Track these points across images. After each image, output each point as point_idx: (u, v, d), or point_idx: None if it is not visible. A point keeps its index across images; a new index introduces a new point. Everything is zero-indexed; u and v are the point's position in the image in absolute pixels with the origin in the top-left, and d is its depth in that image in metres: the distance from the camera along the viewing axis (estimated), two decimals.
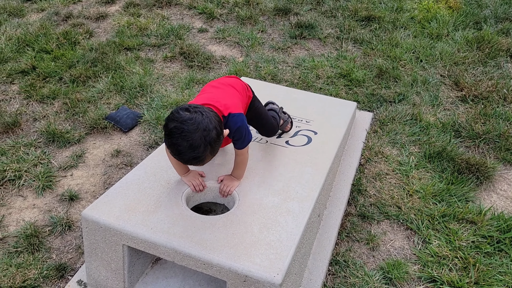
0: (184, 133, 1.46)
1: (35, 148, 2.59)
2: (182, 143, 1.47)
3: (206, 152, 1.51)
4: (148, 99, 3.00)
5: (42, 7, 4.16)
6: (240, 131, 1.72)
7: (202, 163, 1.56)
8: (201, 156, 1.51)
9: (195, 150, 1.48)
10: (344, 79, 3.19)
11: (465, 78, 3.13)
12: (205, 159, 1.54)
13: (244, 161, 1.85)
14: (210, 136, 1.49)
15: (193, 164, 1.59)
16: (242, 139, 1.75)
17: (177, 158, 1.55)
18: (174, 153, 1.52)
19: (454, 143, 2.63)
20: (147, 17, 4.01)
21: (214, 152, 1.57)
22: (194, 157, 1.51)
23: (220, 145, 1.60)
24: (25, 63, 3.28)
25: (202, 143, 1.48)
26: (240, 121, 1.71)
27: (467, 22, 3.78)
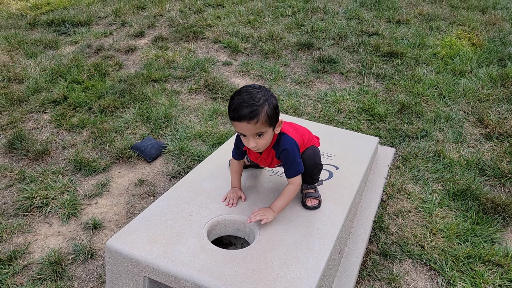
0: (249, 89, 1.66)
1: (62, 176, 2.67)
2: (245, 96, 1.63)
3: (263, 108, 1.62)
4: (172, 130, 3.08)
5: (75, 40, 4.38)
6: (286, 155, 1.79)
7: (256, 120, 1.61)
8: (259, 108, 1.61)
9: (254, 100, 1.61)
10: (366, 114, 3.21)
11: (489, 115, 3.10)
12: (261, 115, 1.61)
13: (290, 191, 1.85)
14: (271, 98, 1.66)
15: (247, 120, 1.62)
16: (289, 165, 1.81)
17: (235, 113, 1.62)
18: (234, 107, 1.62)
19: (479, 182, 2.58)
20: (174, 50, 4.16)
21: (270, 121, 1.65)
22: (252, 108, 1.60)
23: (275, 122, 1.70)
24: (57, 93, 3.43)
25: (262, 98, 1.63)
26: (289, 145, 1.79)
27: (491, 59, 3.78)
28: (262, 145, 1.72)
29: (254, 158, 1.97)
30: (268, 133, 1.70)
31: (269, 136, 1.73)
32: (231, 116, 1.66)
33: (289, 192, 1.85)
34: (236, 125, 1.67)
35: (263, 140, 1.71)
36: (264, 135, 1.70)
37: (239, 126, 1.66)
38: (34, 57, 4.00)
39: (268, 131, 1.70)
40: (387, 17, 4.62)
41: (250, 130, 1.66)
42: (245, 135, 1.70)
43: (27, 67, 3.83)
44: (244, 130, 1.67)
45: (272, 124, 1.69)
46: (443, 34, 4.25)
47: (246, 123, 1.63)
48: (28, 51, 4.10)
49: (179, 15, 4.86)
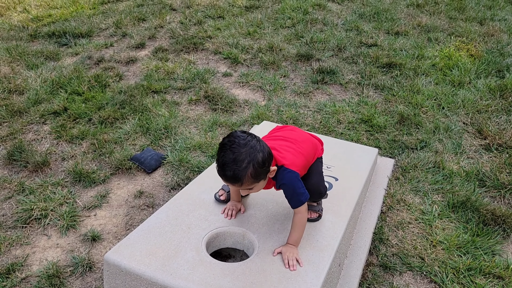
0: (233, 146, 1.58)
1: (62, 188, 2.67)
2: (229, 155, 1.56)
3: (247, 171, 1.55)
4: (172, 141, 3.08)
5: (76, 51, 4.41)
6: (286, 188, 1.74)
7: (240, 183, 1.58)
8: (241, 173, 1.55)
9: (237, 163, 1.55)
10: (365, 125, 3.22)
11: (488, 126, 3.10)
12: (244, 179, 1.56)
13: (301, 221, 1.77)
14: (256, 156, 1.57)
15: (232, 183, 1.61)
16: (290, 197, 1.75)
17: (220, 172, 1.60)
18: (219, 166, 1.59)
19: (479, 193, 2.58)
20: (174, 61, 4.18)
21: (257, 178, 1.60)
22: (234, 173, 1.55)
23: (264, 176, 1.65)
24: (57, 105, 3.44)
25: (246, 159, 1.55)
26: (287, 179, 1.71)
27: (489, 70, 3.79)
28: (255, 192, 1.72)
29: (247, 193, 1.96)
30: (259, 184, 1.67)
31: (262, 185, 1.70)
32: (218, 172, 1.63)
33: (299, 222, 1.77)
34: (222, 180, 1.65)
35: (255, 190, 1.70)
36: (255, 187, 1.67)
37: (225, 182, 1.65)
38: (35, 69, 4.02)
39: (259, 183, 1.66)
40: (386, 29, 4.65)
41: (237, 189, 1.69)
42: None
43: (28, 78, 3.85)
44: (232, 187, 1.71)
45: (260, 179, 1.64)
46: (442, 45, 4.28)
47: (231, 184, 1.63)
48: (29, 62, 4.13)
49: (179, 26, 4.90)
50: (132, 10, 5.38)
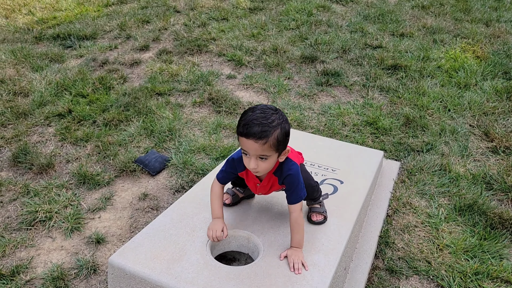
0: (264, 109, 1.58)
1: (66, 190, 2.67)
2: (258, 114, 1.56)
3: (275, 131, 1.55)
4: (176, 143, 3.08)
5: (81, 53, 4.42)
6: (291, 179, 1.71)
7: (265, 140, 1.53)
8: (270, 130, 1.53)
9: (268, 120, 1.54)
10: (371, 127, 3.20)
11: (495, 128, 3.08)
12: (271, 137, 1.54)
13: (298, 220, 1.74)
14: (285, 123, 1.59)
15: (256, 138, 1.53)
16: (292, 190, 1.72)
17: (243, 129, 1.54)
18: (245, 123, 1.54)
19: (486, 196, 2.55)
20: (178, 63, 4.18)
21: (278, 146, 1.58)
22: (263, 128, 1.52)
23: (282, 150, 1.63)
24: (62, 107, 3.45)
25: (276, 121, 1.56)
26: (294, 170, 1.71)
27: (496, 72, 3.77)
28: (262, 168, 1.64)
29: (252, 185, 1.87)
30: (273, 158, 1.62)
31: (273, 161, 1.65)
32: (240, 131, 1.57)
33: (297, 222, 1.74)
34: (242, 141, 1.58)
35: (266, 164, 1.62)
36: (268, 159, 1.61)
37: (245, 143, 1.57)
38: (39, 71, 4.03)
39: (273, 156, 1.62)
40: (391, 30, 4.63)
41: (255, 149, 1.57)
42: (248, 154, 1.61)
43: (33, 80, 3.85)
44: (249, 148, 1.58)
45: (279, 150, 1.61)
46: (447, 47, 4.25)
47: (254, 141, 1.54)
48: (34, 64, 4.14)
49: (183, 28, 4.91)
50: (136, 12, 5.39)
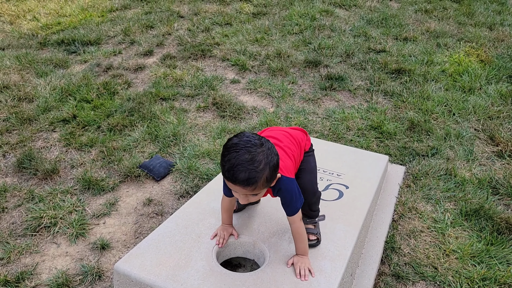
0: (248, 146, 1.43)
1: (71, 195, 2.67)
2: (244, 155, 1.41)
3: (264, 174, 1.43)
4: (180, 148, 3.08)
5: (85, 59, 4.43)
6: (285, 193, 1.64)
7: (254, 187, 1.43)
8: (258, 175, 1.41)
9: (254, 164, 1.40)
10: (375, 131, 3.19)
11: (500, 132, 3.06)
12: (260, 182, 1.43)
13: (299, 230, 1.69)
14: (272, 158, 1.46)
15: (244, 186, 1.43)
16: (288, 203, 1.66)
17: (229, 174, 1.42)
18: (229, 167, 1.41)
19: (492, 201, 2.53)
20: (182, 68, 4.19)
21: (269, 182, 1.49)
22: (250, 175, 1.40)
23: (275, 177, 1.53)
24: (66, 112, 3.46)
25: (264, 161, 1.42)
26: (286, 185, 1.63)
27: (500, 76, 3.75)
28: (254, 200, 1.58)
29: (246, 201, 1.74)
30: (264, 190, 1.54)
31: (264, 192, 1.58)
32: (226, 175, 1.45)
33: (298, 232, 1.70)
34: (229, 185, 1.48)
35: (257, 197, 1.57)
36: (259, 194, 1.54)
37: (232, 187, 1.48)
38: (44, 76, 4.04)
39: (264, 190, 1.54)
40: (394, 34, 4.63)
41: (244, 192, 1.48)
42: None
43: (37, 86, 3.87)
44: (238, 191, 1.49)
45: (269, 184, 1.53)
46: (451, 51, 4.25)
47: (241, 187, 1.44)
48: (38, 70, 4.16)
49: (187, 33, 4.92)
50: (140, 18, 5.41)
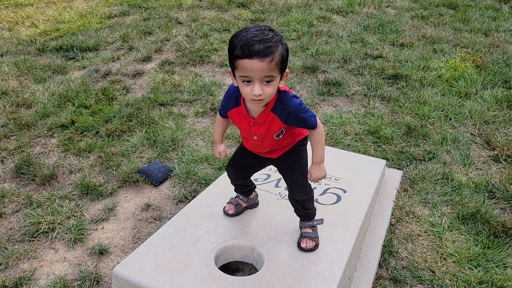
0: (258, 27, 1.42)
1: (69, 201, 2.67)
2: (255, 32, 1.39)
3: (278, 47, 1.40)
4: (179, 153, 3.09)
5: (83, 65, 4.45)
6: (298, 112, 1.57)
7: (271, 57, 1.38)
8: (273, 45, 1.38)
9: (268, 35, 1.39)
10: (372, 136, 3.21)
11: (496, 137, 3.09)
12: (276, 53, 1.39)
13: (322, 135, 1.67)
14: (283, 39, 1.45)
15: (261, 57, 1.37)
16: (306, 121, 1.60)
17: (243, 48, 1.37)
18: (243, 42, 1.37)
19: (489, 205, 2.55)
20: (181, 74, 4.21)
21: (282, 64, 1.43)
22: (265, 44, 1.36)
23: (286, 67, 1.47)
24: (65, 118, 3.47)
25: (275, 36, 1.41)
26: (297, 101, 1.57)
27: (496, 81, 3.79)
28: (267, 94, 1.46)
29: (246, 125, 1.67)
30: (276, 81, 1.46)
31: (276, 85, 1.49)
32: (239, 53, 1.38)
33: (321, 136, 1.67)
34: (244, 65, 1.40)
35: (270, 88, 1.45)
36: (273, 83, 1.45)
37: (248, 65, 1.39)
38: (42, 82, 4.06)
39: (277, 78, 1.46)
40: (391, 40, 4.67)
41: (261, 70, 1.39)
42: (250, 81, 1.43)
43: (36, 92, 3.88)
44: (254, 70, 1.39)
45: (282, 71, 1.46)
46: (447, 57, 4.28)
47: (259, 60, 1.37)
48: (37, 76, 4.17)
49: (185, 39, 4.95)
50: (139, 24, 5.44)
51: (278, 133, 1.66)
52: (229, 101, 1.65)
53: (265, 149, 1.77)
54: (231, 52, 1.44)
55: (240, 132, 1.78)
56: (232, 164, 1.96)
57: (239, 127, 1.73)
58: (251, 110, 1.62)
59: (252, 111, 1.62)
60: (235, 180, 2.04)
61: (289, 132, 1.73)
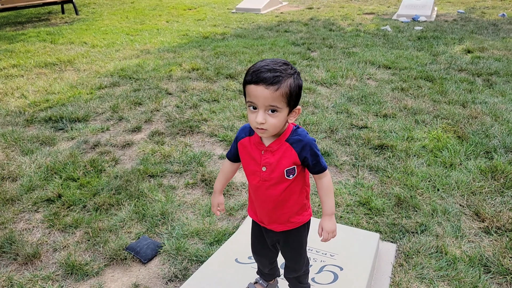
0: (275, 60, 1.49)
1: (52, 282, 2.53)
2: (269, 63, 1.46)
3: (288, 79, 1.44)
4: (169, 228, 3.01)
5: (72, 136, 4.45)
6: (313, 147, 1.60)
7: (277, 86, 1.42)
8: (282, 75, 1.43)
9: (281, 66, 1.45)
10: (364, 208, 3.21)
11: (485, 208, 3.13)
12: (283, 83, 1.43)
13: (331, 184, 1.71)
14: (297, 75, 1.50)
15: (267, 84, 1.42)
16: (318, 158, 1.63)
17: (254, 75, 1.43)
18: (255, 69, 1.44)
19: (485, 280, 2.52)
20: (170, 144, 4.24)
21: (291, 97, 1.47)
22: (274, 73, 1.42)
23: (296, 102, 1.52)
24: (51, 191, 3.39)
25: (289, 70, 1.47)
26: (309, 137, 1.62)
27: (478, 152, 3.91)
28: (271, 125, 1.48)
29: (257, 154, 1.64)
30: (283, 113, 1.48)
31: (282, 118, 1.50)
32: (248, 79, 1.46)
33: (331, 185, 1.71)
34: (251, 90, 1.45)
35: (275, 119, 1.47)
36: (278, 114, 1.47)
37: (254, 91, 1.44)
38: (29, 154, 4.01)
39: (283, 111, 1.48)
40: (374, 111, 4.85)
41: (265, 98, 1.42)
42: (256, 108, 1.47)
43: (22, 164, 3.82)
44: (258, 96, 1.43)
45: (290, 104, 1.48)
46: (429, 127, 4.45)
47: (264, 87, 1.41)
48: (24, 148, 4.13)
49: (175, 110, 5.04)
50: (129, 95, 5.55)
51: (290, 169, 1.62)
52: (242, 132, 1.70)
53: (272, 192, 1.67)
54: (244, 78, 1.51)
55: (246, 175, 1.74)
56: (253, 250, 2.03)
57: (247, 163, 1.70)
58: (265, 140, 1.63)
59: (265, 140, 1.63)
60: (262, 268, 2.07)
61: (300, 179, 1.69)
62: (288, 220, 1.75)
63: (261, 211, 1.77)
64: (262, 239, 1.91)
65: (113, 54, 7.69)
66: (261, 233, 1.89)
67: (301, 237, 1.85)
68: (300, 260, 1.87)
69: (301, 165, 1.64)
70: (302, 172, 1.69)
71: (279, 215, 1.74)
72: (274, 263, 2.04)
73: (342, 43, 8.09)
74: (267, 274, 2.07)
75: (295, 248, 1.85)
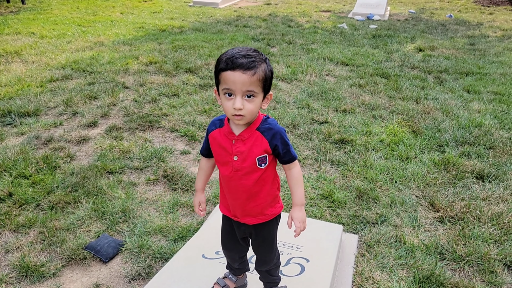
0: (245, 47, 1.52)
1: (6, 285, 2.38)
2: (241, 49, 1.49)
3: (262, 64, 1.49)
4: (130, 225, 2.92)
5: (22, 131, 4.20)
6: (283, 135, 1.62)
7: (254, 71, 1.45)
8: (257, 60, 1.47)
9: (253, 52, 1.49)
10: (326, 201, 3.27)
11: (439, 199, 3.28)
12: (259, 68, 1.47)
13: (300, 175, 1.73)
14: (268, 60, 1.54)
15: (243, 69, 1.44)
16: (288, 147, 1.65)
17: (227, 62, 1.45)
18: (229, 56, 1.46)
19: (441, 266, 2.64)
20: (129, 140, 4.10)
21: (265, 81, 1.51)
22: (249, 58, 1.45)
23: (269, 88, 1.55)
24: (1, 190, 3.18)
25: (260, 56, 1.50)
26: (279, 126, 1.64)
27: (431, 146, 4.10)
28: (248, 111, 1.50)
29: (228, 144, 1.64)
30: (258, 99, 1.51)
31: (258, 104, 1.53)
32: (223, 66, 1.46)
33: (299, 175, 1.72)
34: (227, 76, 1.46)
35: (252, 105, 1.49)
36: (254, 99, 1.50)
37: (230, 77, 1.45)
38: None
39: (259, 96, 1.51)
40: (334, 107, 4.95)
41: (242, 83, 1.44)
42: (232, 95, 1.49)
43: None
44: (236, 82, 1.45)
45: (265, 89, 1.53)
46: (386, 122, 4.60)
47: (241, 72, 1.44)
48: None
49: (133, 104, 4.89)
50: (83, 88, 5.31)
51: (261, 157, 1.62)
52: (212, 125, 1.69)
53: (245, 182, 1.67)
54: (216, 67, 1.51)
55: (218, 166, 1.73)
56: (223, 246, 2.00)
57: (218, 154, 1.69)
58: (235, 129, 1.63)
59: (236, 130, 1.63)
60: (232, 262, 2.04)
61: (272, 169, 1.70)
62: (262, 212, 1.75)
63: (234, 203, 1.75)
64: (233, 234, 1.90)
65: (64, 46, 7.33)
66: (232, 228, 1.88)
67: (273, 230, 1.86)
68: (272, 252, 1.89)
69: (272, 154, 1.65)
70: (274, 162, 1.70)
71: (252, 206, 1.73)
72: (244, 257, 2.03)
73: (301, 39, 8.19)
74: (237, 269, 2.05)
75: (267, 241, 1.85)
